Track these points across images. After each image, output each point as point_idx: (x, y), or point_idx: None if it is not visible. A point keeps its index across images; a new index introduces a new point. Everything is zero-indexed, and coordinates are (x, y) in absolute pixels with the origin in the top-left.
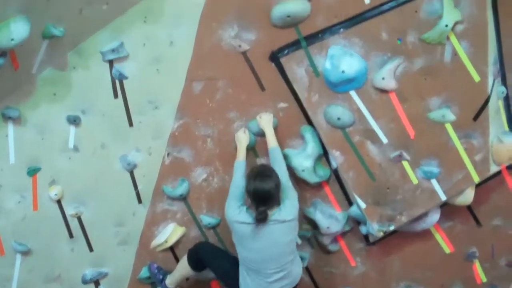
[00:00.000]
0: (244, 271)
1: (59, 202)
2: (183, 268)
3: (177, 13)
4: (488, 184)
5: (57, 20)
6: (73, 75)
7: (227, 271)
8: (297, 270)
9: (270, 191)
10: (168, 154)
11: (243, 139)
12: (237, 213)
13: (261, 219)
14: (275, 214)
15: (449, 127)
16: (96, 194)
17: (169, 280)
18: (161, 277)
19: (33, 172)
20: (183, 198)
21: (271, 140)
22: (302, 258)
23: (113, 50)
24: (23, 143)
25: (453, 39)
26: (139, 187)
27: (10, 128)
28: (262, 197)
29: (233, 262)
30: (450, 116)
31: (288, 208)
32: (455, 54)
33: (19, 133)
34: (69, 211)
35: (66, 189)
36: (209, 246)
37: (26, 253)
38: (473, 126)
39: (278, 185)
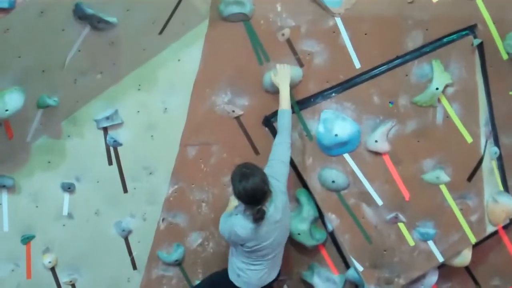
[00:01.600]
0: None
1: (53, 269)
2: None
3: (171, 80)
4: (485, 244)
5: (52, 91)
6: (67, 143)
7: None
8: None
9: (259, 189)
10: (163, 219)
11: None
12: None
13: (259, 218)
14: (271, 208)
15: (443, 188)
16: (90, 261)
17: None
18: None
19: (27, 240)
20: (179, 263)
21: (284, 100)
22: None
23: (107, 118)
24: (17, 211)
25: (444, 101)
26: (134, 253)
27: (4, 196)
28: (253, 196)
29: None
30: (444, 177)
31: (279, 196)
32: (446, 116)
33: (13, 201)
34: (63, 278)
35: (60, 257)
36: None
37: None
38: (468, 187)
39: (265, 179)
